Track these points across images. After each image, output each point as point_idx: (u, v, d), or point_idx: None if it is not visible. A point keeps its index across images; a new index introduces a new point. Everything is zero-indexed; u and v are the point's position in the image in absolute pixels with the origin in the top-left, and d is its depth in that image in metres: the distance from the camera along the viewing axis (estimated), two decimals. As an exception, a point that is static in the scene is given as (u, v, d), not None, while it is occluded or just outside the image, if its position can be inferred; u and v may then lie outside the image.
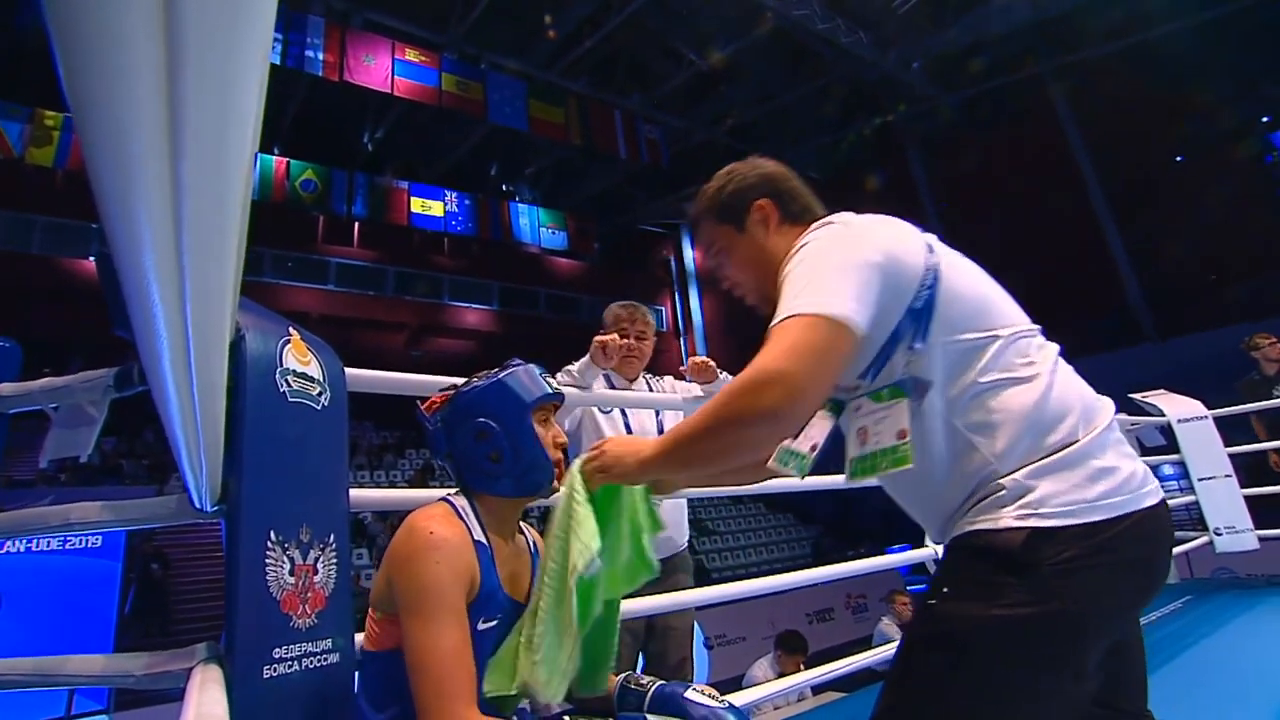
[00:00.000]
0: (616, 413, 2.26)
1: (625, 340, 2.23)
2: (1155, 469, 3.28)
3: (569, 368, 2.07)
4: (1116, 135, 13.44)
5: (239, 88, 0.47)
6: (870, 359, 1.01)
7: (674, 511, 2.24)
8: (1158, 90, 12.64)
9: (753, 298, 1.22)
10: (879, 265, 0.97)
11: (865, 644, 5.21)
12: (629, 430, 2.25)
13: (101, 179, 0.48)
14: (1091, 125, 14.05)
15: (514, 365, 1.24)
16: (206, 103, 0.45)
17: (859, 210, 1.19)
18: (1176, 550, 3.64)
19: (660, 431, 2.28)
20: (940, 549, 1.03)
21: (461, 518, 1.14)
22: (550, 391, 1.22)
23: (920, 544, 2.39)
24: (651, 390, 2.36)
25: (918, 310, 0.98)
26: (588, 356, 1.99)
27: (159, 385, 0.69)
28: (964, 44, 13.60)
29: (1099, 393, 1.06)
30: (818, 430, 1.08)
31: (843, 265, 0.97)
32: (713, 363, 2.15)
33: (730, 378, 2.25)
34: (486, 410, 1.17)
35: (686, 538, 2.34)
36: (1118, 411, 1.08)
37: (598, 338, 2.01)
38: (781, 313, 0.95)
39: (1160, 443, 4.14)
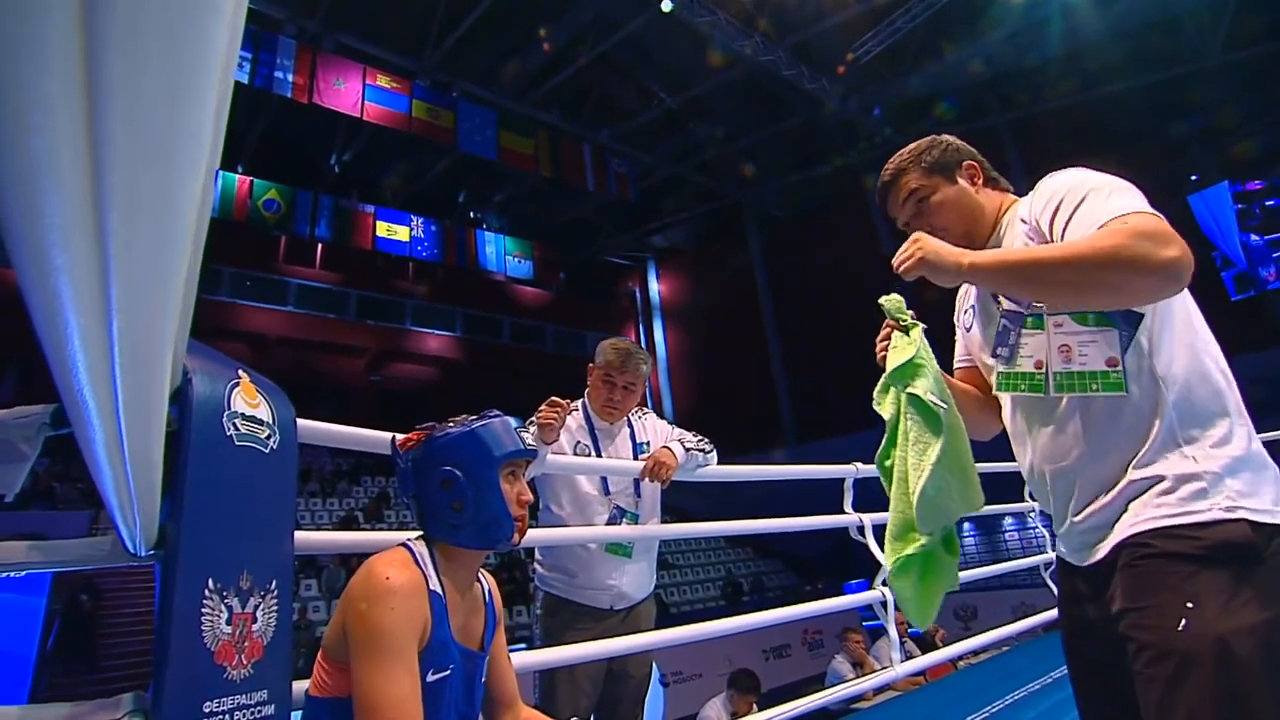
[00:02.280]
0: (590, 448, 2.23)
1: (610, 393, 2.20)
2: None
3: (524, 434, 1.97)
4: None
5: (183, 134, 0.40)
6: None
7: (641, 562, 2.22)
8: (1102, 145, 13.40)
9: (951, 242, 1.29)
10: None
11: (821, 681, 5.20)
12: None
13: (15, 238, 0.41)
14: (1039, 175, 14.78)
15: (490, 416, 1.24)
16: (141, 152, 0.38)
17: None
18: None
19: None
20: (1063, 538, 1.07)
21: (419, 564, 1.14)
22: (520, 448, 1.22)
23: (872, 583, 2.43)
24: (633, 428, 2.31)
25: None
26: (535, 429, 1.87)
27: (86, 444, 0.66)
28: (923, 93, 14.23)
29: None
30: (1034, 347, 1.13)
31: (1129, 187, 1.08)
32: (664, 462, 2.04)
33: (680, 432, 2.24)
34: (455, 459, 1.18)
35: (652, 586, 2.31)
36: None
37: (541, 414, 1.87)
38: (1111, 212, 1.02)
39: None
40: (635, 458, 2.21)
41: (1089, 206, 1.06)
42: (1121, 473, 1.06)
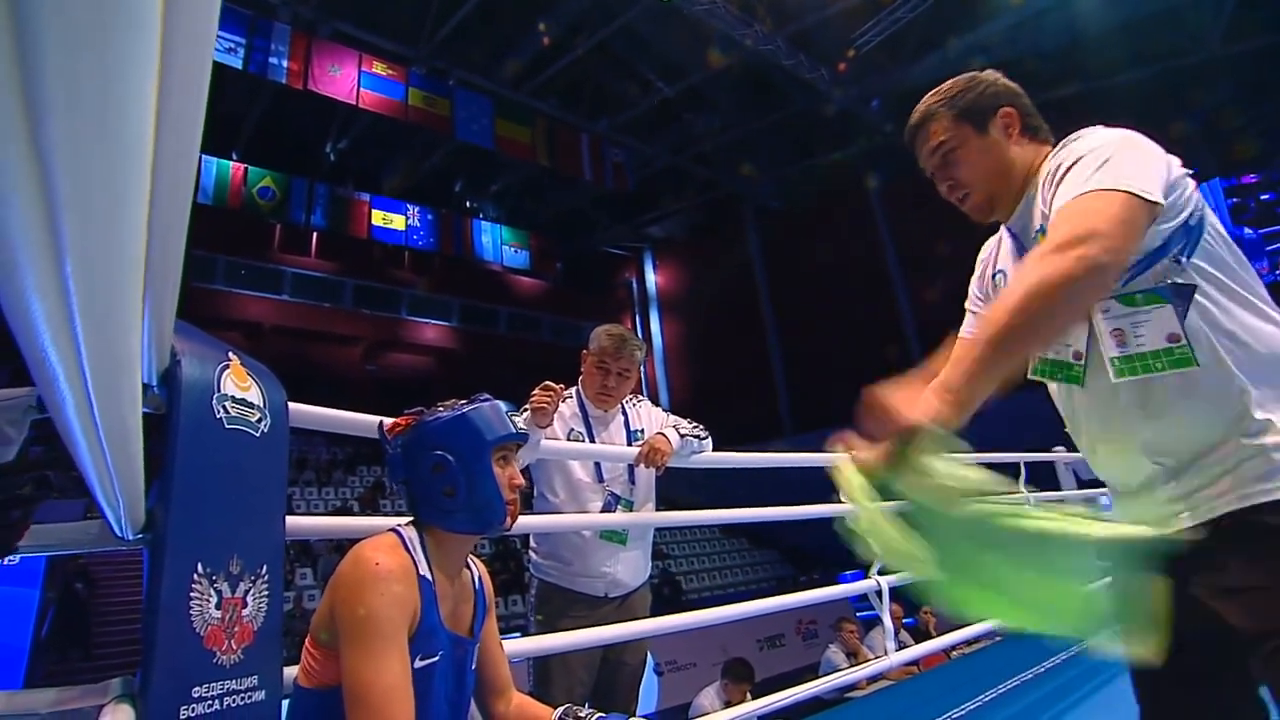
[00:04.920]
0: (584, 435, 2.22)
1: (605, 379, 2.18)
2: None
3: (515, 418, 1.95)
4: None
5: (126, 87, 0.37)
6: (1139, 257, 0.99)
7: (636, 549, 2.21)
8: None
9: (975, 199, 1.20)
10: (1169, 164, 1.00)
11: (815, 671, 5.23)
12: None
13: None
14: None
15: (480, 400, 1.23)
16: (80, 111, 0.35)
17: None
18: None
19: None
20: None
21: (409, 550, 1.13)
22: (512, 432, 1.22)
23: (867, 573, 2.43)
24: (627, 415, 2.29)
25: (1191, 226, 0.99)
26: (529, 413, 1.84)
27: (56, 410, 0.64)
28: (923, 84, 14.12)
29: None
30: (1073, 335, 1.06)
31: (1139, 152, 0.99)
32: (659, 448, 2.02)
33: (675, 420, 2.23)
34: (446, 443, 1.17)
35: (648, 574, 2.30)
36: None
37: (534, 397, 1.85)
38: (1079, 189, 0.96)
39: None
40: (629, 445, 2.20)
41: (1062, 190, 1.02)
42: (1202, 444, 0.99)
